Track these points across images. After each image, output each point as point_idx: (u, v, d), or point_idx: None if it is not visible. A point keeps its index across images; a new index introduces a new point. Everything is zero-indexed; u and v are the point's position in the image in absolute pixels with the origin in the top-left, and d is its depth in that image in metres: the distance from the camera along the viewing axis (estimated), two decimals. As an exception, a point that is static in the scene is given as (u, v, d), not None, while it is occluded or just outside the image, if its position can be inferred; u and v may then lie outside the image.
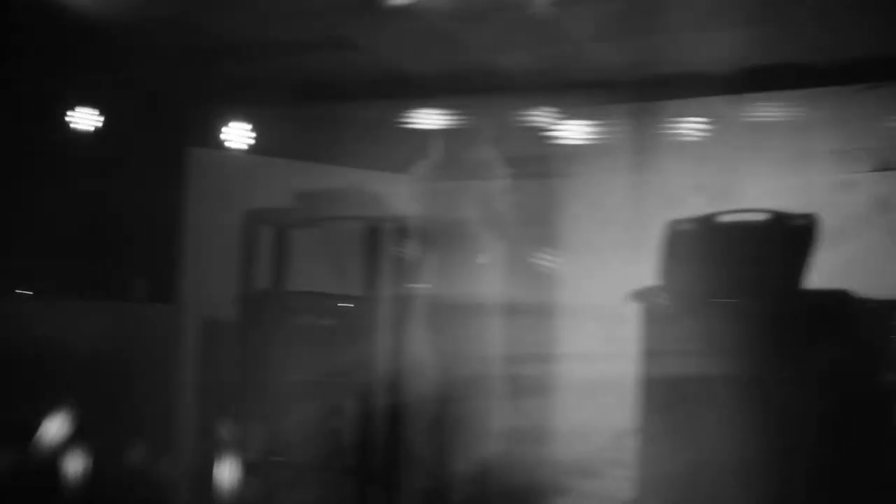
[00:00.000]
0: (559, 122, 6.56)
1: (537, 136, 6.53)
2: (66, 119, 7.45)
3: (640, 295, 5.09)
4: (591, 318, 6.24)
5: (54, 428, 6.40)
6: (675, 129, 6.54)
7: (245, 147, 7.57)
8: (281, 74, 6.88)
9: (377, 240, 5.89)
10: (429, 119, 6.73)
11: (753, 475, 4.55)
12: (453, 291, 5.74)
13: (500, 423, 5.72)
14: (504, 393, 5.65)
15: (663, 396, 4.87)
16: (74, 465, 6.46)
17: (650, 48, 6.26)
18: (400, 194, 6.04)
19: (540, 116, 6.54)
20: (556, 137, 6.57)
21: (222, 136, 7.55)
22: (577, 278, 6.45)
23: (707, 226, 4.96)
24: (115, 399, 6.66)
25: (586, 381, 5.99)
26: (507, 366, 5.85)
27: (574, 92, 6.52)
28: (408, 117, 6.80)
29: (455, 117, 6.61)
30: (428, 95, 6.77)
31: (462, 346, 5.62)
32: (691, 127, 6.50)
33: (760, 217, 4.89)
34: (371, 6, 5.78)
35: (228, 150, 7.56)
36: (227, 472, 6.21)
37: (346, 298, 6.10)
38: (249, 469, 6.11)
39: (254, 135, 7.55)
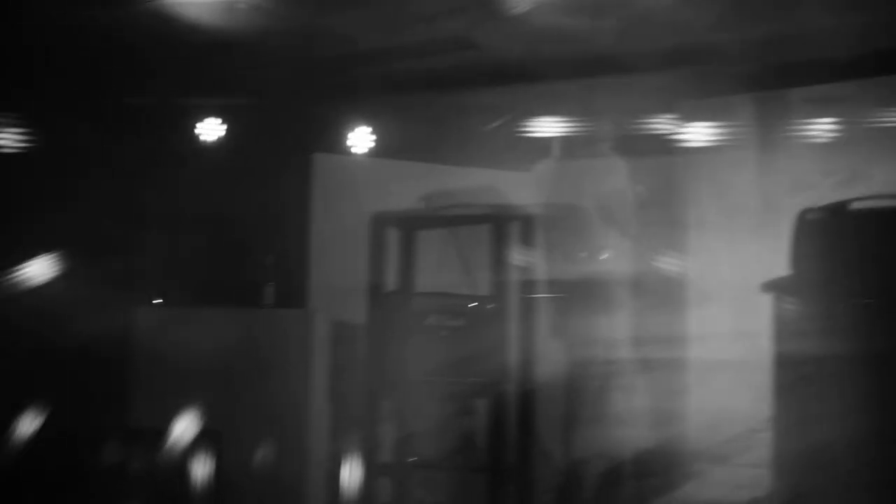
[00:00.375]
0: (683, 113, 6.49)
1: (661, 127, 6.47)
2: (194, 129, 7.59)
3: (772, 285, 5.02)
4: (721, 302, 6.17)
5: (186, 432, 6.52)
6: (803, 118, 6.42)
7: (369, 151, 7.63)
8: (404, 77, 6.92)
9: (503, 238, 5.87)
10: (550, 117, 6.72)
11: (886, 457, 4.47)
12: (580, 283, 5.72)
13: (630, 410, 5.68)
14: (634, 379, 5.60)
15: (794, 379, 4.80)
16: (205, 468, 6.58)
17: (774, 36, 6.16)
18: (525, 192, 6.04)
19: (663, 108, 6.48)
20: (681, 129, 6.50)
21: (347, 141, 7.63)
22: (707, 264, 6.36)
23: (839, 213, 4.87)
24: (247, 403, 6.75)
25: (716, 365, 5.93)
26: (637, 352, 5.81)
27: (697, 83, 6.45)
28: (530, 115, 6.80)
29: (577, 114, 6.59)
30: (549, 93, 6.76)
31: (592, 335, 5.60)
32: (820, 115, 6.38)
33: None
34: (491, 7, 5.79)
35: (353, 154, 7.63)
36: (358, 474, 6.26)
37: (474, 298, 6.10)
38: (381, 470, 6.15)
39: (377, 138, 7.61)
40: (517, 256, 5.89)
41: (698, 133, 6.52)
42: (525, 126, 6.82)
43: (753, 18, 5.96)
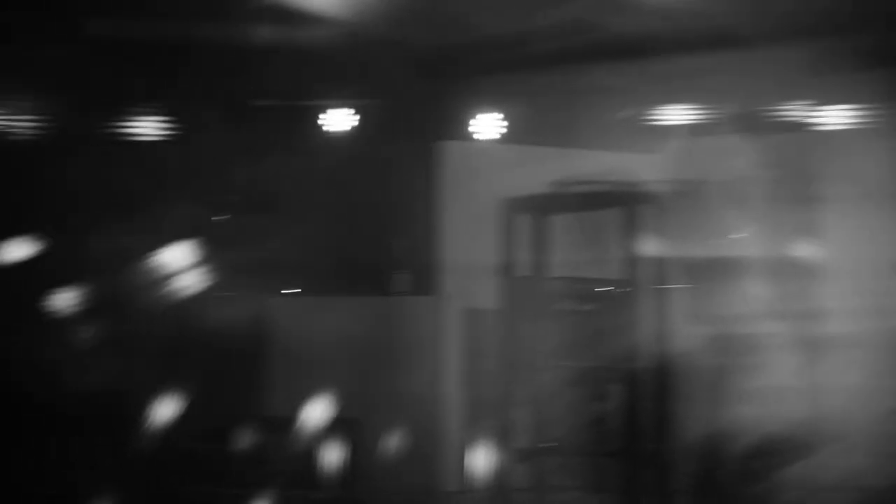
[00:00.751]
0: (815, 91, 6.37)
1: (793, 105, 6.36)
2: (325, 121, 7.67)
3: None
4: (855, 279, 6.06)
5: (321, 419, 6.60)
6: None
7: (498, 136, 7.63)
8: (531, 62, 6.90)
9: (634, 221, 5.83)
10: (678, 103, 6.66)
11: None
12: (713, 262, 5.65)
13: (765, 389, 5.59)
14: (769, 357, 5.51)
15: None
16: (341, 454, 6.65)
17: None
18: (656, 174, 5.98)
19: (794, 86, 6.36)
20: (814, 107, 6.39)
21: (475, 128, 7.64)
22: (840, 242, 6.25)
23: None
24: (381, 390, 6.81)
25: (852, 342, 5.82)
26: (770, 329, 5.72)
27: (829, 59, 6.32)
28: (659, 98, 6.74)
29: (706, 94, 6.52)
30: (676, 73, 6.68)
31: (725, 315, 5.53)
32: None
33: None
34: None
35: (482, 140, 7.64)
36: (492, 459, 6.28)
37: (605, 282, 6.07)
38: (515, 455, 6.16)
39: (506, 124, 7.60)
40: (648, 239, 5.84)
41: (832, 111, 6.39)
42: (656, 110, 6.76)
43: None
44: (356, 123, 7.75)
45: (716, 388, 5.52)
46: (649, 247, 5.86)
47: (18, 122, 6.10)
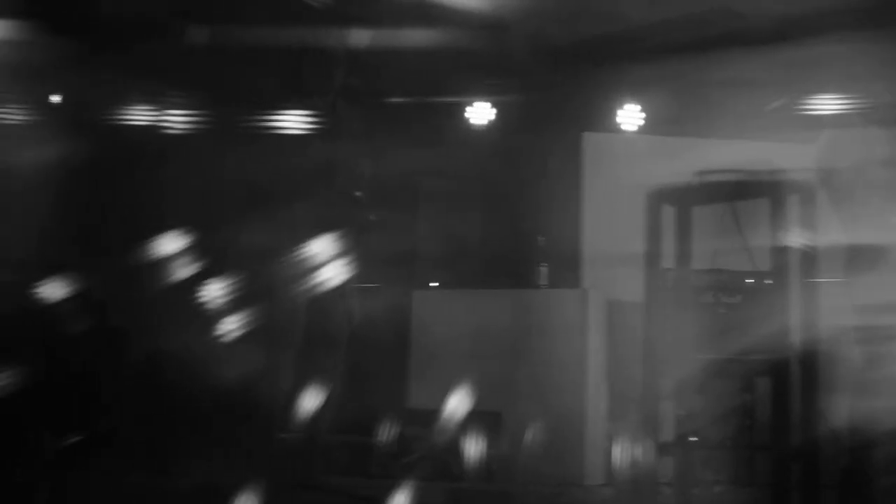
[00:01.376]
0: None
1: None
2: (466, 113, 7.72)
3: None
4: None
5: (464, 412, 6.64)
6: None
7: (640, 127, 7.59)
8: (672, 51, 6.83)
9: (782, 212, 5.72)
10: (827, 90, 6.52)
11: None
12: (863, 251, 5.50)
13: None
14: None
15: None
16: (484, 447, 6.67)
17: None
18: (803, 164, 5.85)
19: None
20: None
21: (617, 118, 7.61)
22: None
23: None
24: (524, 383, 6.81)
25: None
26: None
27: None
28: (806, 89, 6.62)
29: (852, 81, 6.38)
30: (823, 61, 6.55)
31: (879, 307, 5.37)
32: None
33: None
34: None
35: (624, 131, 7.60)
36: (637, 453, 6.22)
37: (752, 273, 5.97)
38: (661, 449, 6.10)
39: (647, 114, 7.55)
40: (796, 230, 5.72)
41: None
42: (804, 101, 6.64)
43: None
44: (499, 117, 7.78)
45: (864, 380, 5.37)
46: (796, 237, 5.75)
47: (170, 118, 6.27)
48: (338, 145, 5.37)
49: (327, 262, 5.38)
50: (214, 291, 5.10)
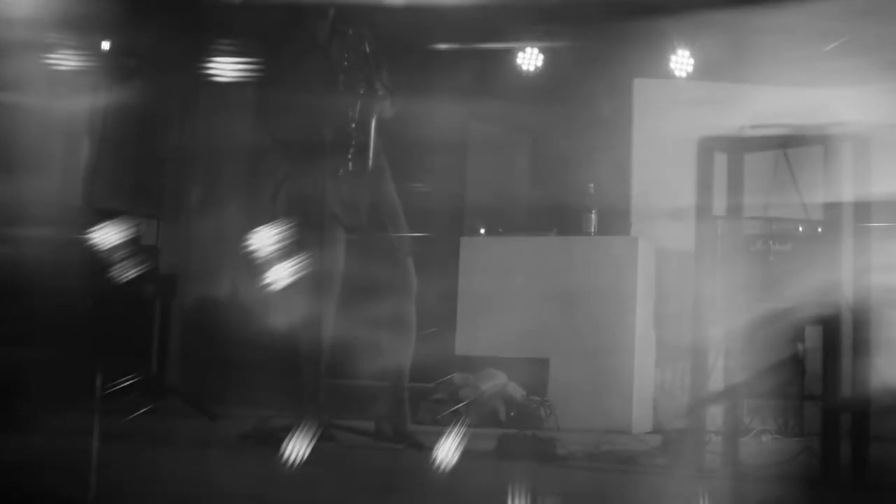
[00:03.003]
0: None
1: None
2: (517, 57, 7.66)
3: None
4: None
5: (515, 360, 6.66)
6: None
7: (691, 73, 7.51)
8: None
9: (836, 160, 5.65)
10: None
11: None
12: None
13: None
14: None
15: None
16: (526, 393, 6.70)
17: None
18: (860, 112, 5.78)
19: None
20: None
21: (667, 64, 7.53)
22: None
23: None
24: (573, 330, 6.82)
25: None
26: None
27: None
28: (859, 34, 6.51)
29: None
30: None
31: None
32: None
33: None
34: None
35: (675, 77, 7.53)
36: (686, 401, 6.22)
37: (804, 222, 5.91)
38: (710, 398, 6.08)
39: (696, 60, 7.47)
40: (849, 179, 5.65)
41: None
42: (856, 48, 6.54)
43: None
44: (549, 63, 7.73)
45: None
46: (848, 187, 5.68)
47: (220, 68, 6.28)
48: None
49: (377, 209, 5.38)
50: (265, 238, 5.12)
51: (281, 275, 5.01)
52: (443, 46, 7.34)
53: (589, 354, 6.73)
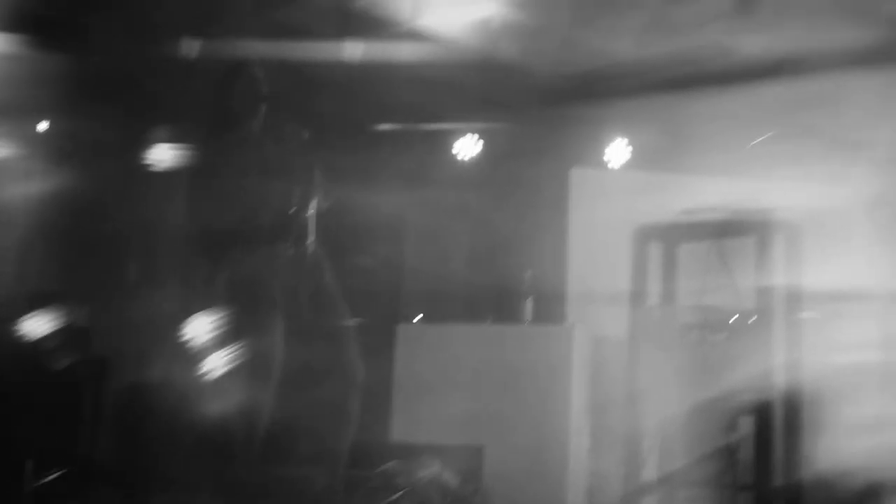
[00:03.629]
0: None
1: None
2: (453, 148, 7.73)
3: None
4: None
5: (449, 448, 6.62)
6: None
7: (627, 163, 7.60)
8: (662, 87, 6.85)
9: (768, 250, 5.74)
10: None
11: None
12: (846, 293, 5.52)
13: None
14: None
15: None
16: (465, 483, 6.65)
17: None
18: (789, 203, 5.88)
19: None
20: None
21: (604, 155, 7.62)
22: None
23: None
24: (507, 419, 6.80)
25: None
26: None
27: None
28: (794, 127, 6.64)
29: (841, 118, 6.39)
30: (809, 100, 6.57)
31: (861, 346, 5.38)
32: None
33: None
34: (748, 9, 5.68)
35: (611, 166, 7.61)
36: (620, 491, 6.22)
37: (737, 311, 5.98)
38: (644, 487, 6.10)
39: (633, 150, 7.56)
40: (780, 268, 5.74)
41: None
42: (788, 138, 6.67)
43: None
44: (487, 151, 7.79)
45: (849, 419, 5.37)
46: (781, 276, 5.76)
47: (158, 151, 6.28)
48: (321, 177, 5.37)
49: (314, 296, 5.37)
50: (201, 325, 5.08)
51: (217, 362, 4.98)
52: (382, 129, 7.39)
53: (524, 442, 6.70)
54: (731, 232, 6.05)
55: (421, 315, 7.39)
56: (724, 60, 6.54)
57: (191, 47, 6.32)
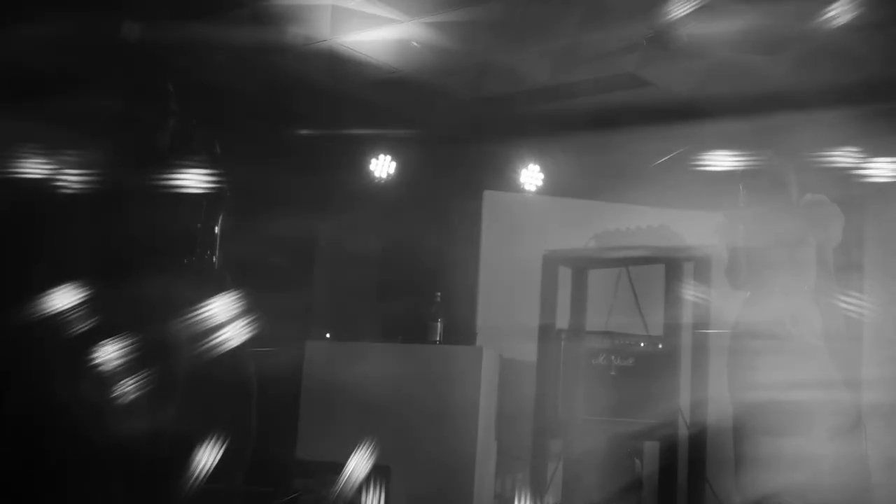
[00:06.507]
0: (861, 156, 6.30)
1: (839, 171, 6.29)
2: (366, 167, 7.71)
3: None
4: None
5: (355, 466, 6.58)
6: None
7: (539, 188, 7.64)
8: (575, 115, 6.91)
9: (677, 278, 5.79)
10: (722, 155, 6.60)
11: None
12: (753, 324, 5.57)
13: (802, 455, 5.48)
14: (805, 422, 5.40)
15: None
16: (374, 501, 6.62)
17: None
18: (698, 231, 5.94)
19: (842, 151, 6.30)
20: (859, 173, 6.30)
21: (517, 179, 7.65)
22: (881, 305, 6.17)
23: None
24: (416, 439, 6.78)
25: (883, 410, 5.74)
26: (808, 395, 5.63)
27: (875, 121, 6.26)
28: (702, 154, 6.70)
29: (750, 152, 6.47)
30: (722, 131, 6.65)
31: (763, 378, 5.43)
32: None
33: None
34: (663, 43, 5.74)
35: (523, 191, 7.65)
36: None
37: (645, 338, 6.03)
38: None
39: (546, 176, 7.61)
40: (690, 296, 5.79)
41: (879, 170, 6.31)
42: (695, 162, 6.74)
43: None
44: (400, 172, 7.78)
45: (755, 454, 5.42)
46: (690, 306, 5.82)
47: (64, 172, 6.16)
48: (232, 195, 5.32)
49: (226, 317, 5.32)
50: (108, 349, 5.00)
51: (123, 380, 4.90)
52: (295, 146, 7.34)
53: (430, 463, 6.69)
54: (639, 260, 6.11)
55: (329, 333, 7.36)
56: (639, 91, 6.62)
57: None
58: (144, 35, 5.97)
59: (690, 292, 5.72)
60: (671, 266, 5.82)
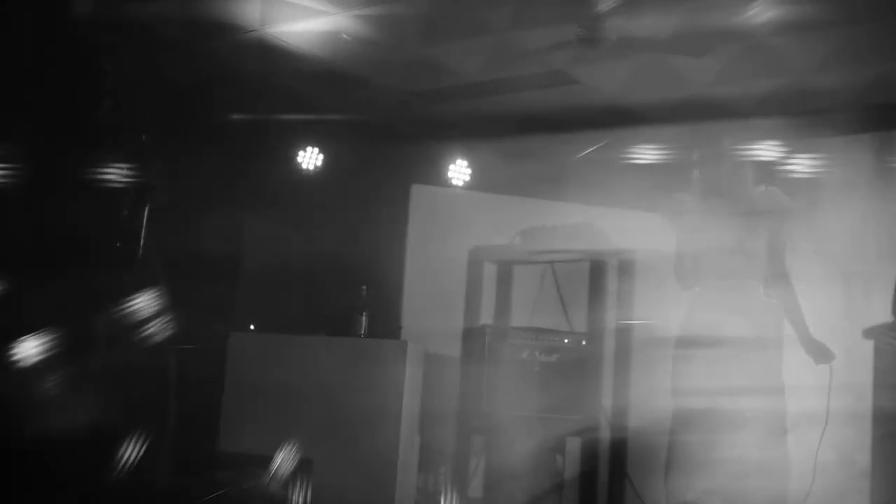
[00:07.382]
0: (785, 154, 6.38)
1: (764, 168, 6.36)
2: (294, 159, 7.68)
3: (872, 332, 4.96)
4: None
5: (279, 459, 6.56)
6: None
7: (467, 183, 7.66)
8: (504, 111, 6.93)
9: (601, 276, 5.84)
10: (649, 153, 6.66)
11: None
12: (675, 324, 5.62)
13: (724, 459, 5.55)
14: (728, 427, 5.46)
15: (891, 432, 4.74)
16: (297, 495, 6.60)
17: (880, 76, 6.07)
18: (623, 229, 5.98)
19: (765, 149, 6.37)
20: (784, 170, 6.38)
21: (445, 174, 7.66)
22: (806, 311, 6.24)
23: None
24: (339, 432, 6.78)
25: (810, 415, 5.80)
26: (730, 399, 5.69)
27: (800, 123, 6.34)
28: (628, 152, 6.75)
29: (675, 151, 6.53)
30: (648, 129, 6.71)
31: (685, 381, 5.48)
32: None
33: None
34: (592, 41, 5.77)
35: (451, 186, 7.66)
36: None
37: (569, 335, 6.08)
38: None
39: (474, 172, 7.62)
40: (614, 295, 5.84)
41: (802, 170, 6.40)
42: (619, 157, 6.79)
43: (859, 59, 5.88)
44: (328, 164, 7.76)
45: (674, 452, 5.47)
46: (613, 302, 5.86)
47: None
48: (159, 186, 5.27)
49: (151, 310, 5.27)
50: (31, 344, 4.93)
51: (48, 373, 4.85)
52: (224, 135, 7.28)
53: (353, 456, 6.68)
54: (565, 258, 6.15)
55: (253, 325, 7.32)
56: (568, 90, 6.64)
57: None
58: (79, 11, 5.90)
59: (614, 290, 5.77)
60: (596, 264, 5.87)
